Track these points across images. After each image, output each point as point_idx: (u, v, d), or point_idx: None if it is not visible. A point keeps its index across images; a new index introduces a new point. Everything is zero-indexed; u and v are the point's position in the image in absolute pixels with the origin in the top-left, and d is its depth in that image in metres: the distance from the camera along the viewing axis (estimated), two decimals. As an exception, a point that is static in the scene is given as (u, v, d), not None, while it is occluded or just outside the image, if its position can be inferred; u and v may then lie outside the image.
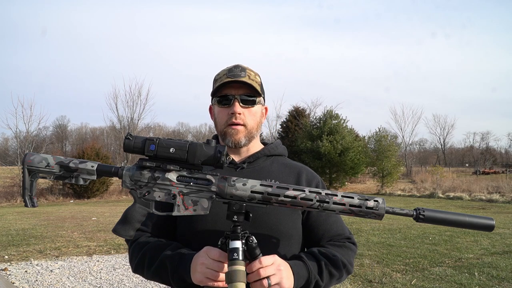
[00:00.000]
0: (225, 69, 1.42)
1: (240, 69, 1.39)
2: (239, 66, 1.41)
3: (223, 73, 1.41)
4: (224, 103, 1.39)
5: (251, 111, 1.40)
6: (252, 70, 1.43)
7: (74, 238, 8.40)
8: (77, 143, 52.90)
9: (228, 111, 1.39)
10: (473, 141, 64.02)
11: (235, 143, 1.40)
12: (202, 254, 1.20)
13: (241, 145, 1.41)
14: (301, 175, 1.46)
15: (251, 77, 1.40)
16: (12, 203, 20.51)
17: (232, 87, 1.38)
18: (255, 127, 1.43)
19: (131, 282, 5.49)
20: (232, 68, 1.40)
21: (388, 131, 32.68)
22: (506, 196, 19.02)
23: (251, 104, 1.40)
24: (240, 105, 1.38)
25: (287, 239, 1.37)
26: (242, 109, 1.38)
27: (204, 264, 1.17)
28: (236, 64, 1.42)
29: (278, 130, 34.05)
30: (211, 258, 1.17)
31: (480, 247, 7.27)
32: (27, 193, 1.16)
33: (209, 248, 1.21)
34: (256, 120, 1.42)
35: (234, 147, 1.42)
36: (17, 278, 5.54)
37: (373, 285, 5.09)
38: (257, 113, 1.43)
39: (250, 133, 1.41)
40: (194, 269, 1.20)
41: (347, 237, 1.44)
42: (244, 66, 1.42)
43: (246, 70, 1.40)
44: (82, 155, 22.86)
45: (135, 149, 1.15)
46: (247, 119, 1.39)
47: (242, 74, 1.38)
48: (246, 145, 1.43)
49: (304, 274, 1.25)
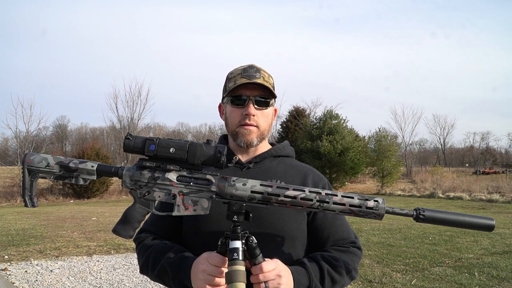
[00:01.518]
0: (239, 68, 1.41)
1: (255, 70, 1.38)
2: (254, 67, 1.39)
3: (237, 73, 1.39)
4: (237, 103, 1.38)
5: (264, 113, 1.40)
6: (266, 71, 1.42)
7: (74, 238, 8.39)
8: (77, 143, 52.92)
9: (241, 112, 1.38)
10: (473, 141, 64.12)
11: (247, 143, 1.39)
12: (203, 261, 1.19)
13: (253, 145, 1.41)
14: (307, 177, 1.45)
15: (265, 78, 1.39)
16: (12, 203, 20.52)
17: (247, 88, 1.37)
18: (267, 128, 1.43)
19: (131, 282, 5.49)
20: (247, 68, 1.39)
21: (388, 131, 32.78)
22: (506, 196, 19.03)
23: (265, 106, 1.39)
24: (255, 107, 1.37)
25: (292, 240, 1.36)
26: (256, 111, 1.38)
27: (206, 271, 1.17)
28: (251, 64, 1.41)
29: (278, 130, 34.03)
30: (212, 265, 1.17)
31: (480, 247, 7.27)
32: (27, 193, 1.16)
33: (209, 254, 1.20)
34: (268, 121, 1.43)
35: (246, 147, 1.42)
36: (17, 278, 5.53)
37: (373, 285, 5.09)
38: (270, 115, 1.43)
39: (262, 134, 1.41)
40: (195, 276, 1.19)
41: (352, 241, 1.43)
42: (259, 67, 1.41)
43: (261, 71, 1.39)
44: (82, 155, 22.87)
45: (135, 149, 1.15)
46: (260, 120, 1.39)
47: (257, 75, 1.37)
48: (257, 146, 1.43)
49: (305, 281, 1.25)
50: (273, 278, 1.16)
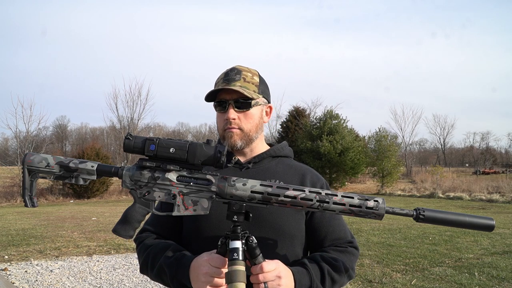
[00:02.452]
0: (223, 72, 1.41)
1: (236, 72, 1.38)
2: (235, 69, 1.39)
3: (220, 77, 1.40)
4: (219, 109, 1.40)
5: (247, 115, 1.39)
6: (250, 70, 1.42)
7: (74, 238, 8.39)
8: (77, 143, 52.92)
9: (223, 116, 1.39)
10: (473, 141, 64.14)
11: (231, 145, 1.40)
12: (204, 263, 1.19)
13: (237, 147, 1.40)
14: (305, 177, 1.46)
15: (247, 79, 1.38)
16: (12, 203, 20.52)
17: (227, 92, 1.37)
18: (253, 129, 1.41)
19: (131, 282, 5.49)
20: (228, 71, 1.39)
21: (388, 131, 32.65)
22: (506, 196, 19.02)
23: (247, 108, 1.38)
24: (235, 110, 1.37)
25: (291, 239, 1.37)
26: (237, 114, 1.37)
27: (208, 273, 1.17)
28: (233, 67, 1.41)
29: (278, 130, 34.05)
30: (214, 267, 1.17)
31: (480, 247, 7.26)
32: (27, 193, 1.16)
33: (210, 256, 1.19)
34: (253, 122, 1.41)
35: (231, 150, 1.42)
36: (17, 278, 5.53)
37: (373, 285, 5.09)
38: (255, 115, 1.41)
39: (247, 135, 1.40)
40: (196, 278, 1.19)
41: (349, 241, 1.44)
42: (240, 68, 1.40)
43: (242, 72, 1.39)
44: (82, 155, 22.86)
45: (135, 149, 1.15)
46: (242, 123, 1.38)
47: (237, 77, 1.37)
48: (243, 148, 1.42)
49: (306, 282, 1.25)
50: (273, 279, 1.16)
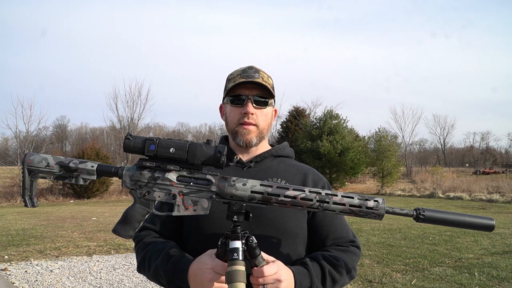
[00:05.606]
0: (239, 69, 1.44)
1: (254, 71, 1.41)
2: (253, 68, 1.42)
3: (236, 73, 1.42)
4: (237, 103, 1.41)
5: (263, 112, 1.42)
6: (265, 72, 1.45)
7: (74, 238, 8.39)
8: (77, 143, 52.90)
9: (240, 111, 1.40)
10: (473, 141, 64.18)
11: (246, 142, 1.41)
12: (208, 271, 1.17)
13: (252, 144, 1.42)
14: (307, 176, 1.47)
15: (264, 79, 1.41)
16: (12, 203, 20.52)
17: (246, 87, 1.40)
18: (266, 127, 1.45)
19: (131, 282, 5.49)
20: (246, 69, 1.42)
21: (388, 131, 32.73)
22: (506, 196, 19.03)
23: (264, 105, 1.42)
24: (253, 106, 1.40)
25: (292, 238, 1.37)
26: (254, 110, 1.40)
27: (213, 279, 1.17)
28: (250, 65, 1.44)
29: (278, 130, 34.05)
30: (218, 274, 1.16)
31: (480, 247, 7.27)
32: (27, 193, 1.16)
33: (213, 263, 1.18)
34: (267, 121, 1.45)
35: (245, 147, 1.43)
36: (17, 278, 5.53)
37: (373, 285, 5.09)
38: (269, 114, 1.45)
39: (261, 133, 1.43)
40: (200, 284, 1.19)
41: (351, 240, 1.44)
42: (258, 68, 1.44)
43: (260, 71, 1.42)
44: (82, 155, 22.88)
45: (135, 149, 1.15)
46: (259, 119, 1.41)
47: (256, 75, 1.39)
48: (256, 145, 1.44)
49: (306, 283, 1.25)
50: (272, 282, 1.16)
